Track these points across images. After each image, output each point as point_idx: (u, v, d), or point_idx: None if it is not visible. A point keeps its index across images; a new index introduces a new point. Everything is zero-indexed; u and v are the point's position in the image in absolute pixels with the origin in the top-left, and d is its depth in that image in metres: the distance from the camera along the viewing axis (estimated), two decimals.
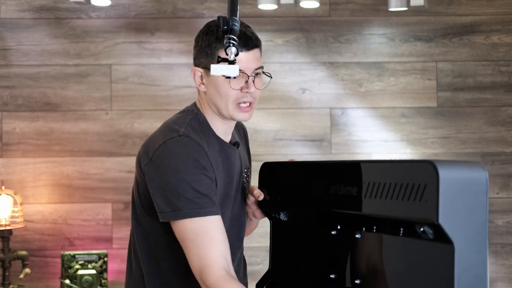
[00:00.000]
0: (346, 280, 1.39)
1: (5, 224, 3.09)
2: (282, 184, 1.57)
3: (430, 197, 1.08)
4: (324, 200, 1.43)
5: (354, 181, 1.31)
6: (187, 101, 3.36)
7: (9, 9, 3.36)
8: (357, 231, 1.35)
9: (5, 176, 3.29)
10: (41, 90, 3.35)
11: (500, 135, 3.35)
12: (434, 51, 3.36)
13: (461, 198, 1.10)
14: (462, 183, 1.10)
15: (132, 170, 3.33)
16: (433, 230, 1.12)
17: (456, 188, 1.09)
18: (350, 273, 1.37)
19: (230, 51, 1.53)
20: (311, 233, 1.52)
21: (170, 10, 3.37)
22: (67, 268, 3.18)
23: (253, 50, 1.70)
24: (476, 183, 1.12)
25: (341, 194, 1.36)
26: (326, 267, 1.46)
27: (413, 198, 1.12)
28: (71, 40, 3.35)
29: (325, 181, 1.42)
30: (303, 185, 1.50)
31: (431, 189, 1.08)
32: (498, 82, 3.36)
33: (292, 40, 3.36)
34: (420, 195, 1.11)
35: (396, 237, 1.23)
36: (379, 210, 1.24)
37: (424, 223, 1.12)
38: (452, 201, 1.09)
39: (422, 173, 1.11)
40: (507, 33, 3.36)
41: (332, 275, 1.43)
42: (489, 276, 3.32)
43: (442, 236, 1.11)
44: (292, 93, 3.34)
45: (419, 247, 1.17)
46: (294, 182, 1.53)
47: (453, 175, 1.09)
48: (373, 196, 1.24)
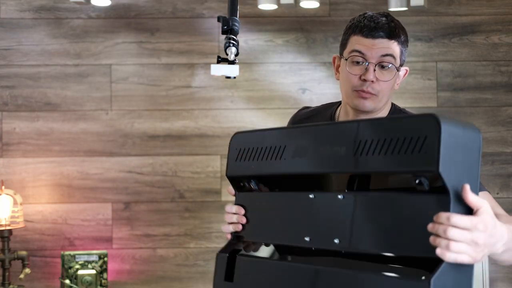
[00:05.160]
0: (323, 240, 1.39)
1: (5, 224, 3.09)
2: (255, 152, 1.56)
3: (431, 148, 1.12)
4: (304, 163, 1.44)
5: (343, 141, 1.33)
6: (187, 101, 3.38)
7: (9, 9, 3.36)
8: (339, 193, 1.36)
9: (5, 176, 3.29)
10: (41, 90, 3.35)
11: (500, 135, 3.35)
12: (434, 51, 3.36)
13: (458, 152, 1.14)
14: (459, 137, 1.15)
15: (132, 170, 3.33)
16: (429, 181, 1.15)
17: (454, 141, 1.13)
18: (328, 233, 1.38)
19: (230, 51, 1.53)
20: (284, 199, 1.53)
21: (170, 10, 3.37)
22: (67, 268, 3.18)
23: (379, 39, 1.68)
24: (472, 140, 1.17)
25: (327, 155, 1.37)
26: (300, 231, 1.46)
27: (411, 151, 1.15)
28: (71, 40, 3.35)
29: (307, 143, 1.43)
30: (279, 151, 1.50)
31: (432, 140, 1.12)
32: (498, 82, 3.36)
33: (292, 40, 3.36)
34: (420, 147, 1.14)
35: (384, 193, 1.26)
36: (372, 167, 1.26)
37: (422, 174, 1.15)
38: (450, 153, 1.12)
39: (423, 125, 1.14)
40: (507, 33, 3.36)
41: (307, 238, 1.43)
42: (489, 276, 3.32)
43: (438, 187, 1.14)
44: (292, 93, 3.33)
45: (408, 201, 1.20)
46: (269, 148, 1.53)
47: (452, 129, 1.13)
48: (364, 153, 1.27)
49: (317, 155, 1.39)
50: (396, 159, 1.19)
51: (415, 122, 1.18)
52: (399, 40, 1.70)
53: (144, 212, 3.31)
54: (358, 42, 1.71)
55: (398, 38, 1.70)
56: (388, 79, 1.69)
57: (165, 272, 3.31)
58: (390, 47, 1.68)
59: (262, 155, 1.53)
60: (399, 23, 1.74)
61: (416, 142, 1.15)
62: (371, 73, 1.67)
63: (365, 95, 1.69)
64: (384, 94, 1.70)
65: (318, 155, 1.39)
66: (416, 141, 1.15)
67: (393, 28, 1.69)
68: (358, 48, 1.70)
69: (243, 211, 1.55)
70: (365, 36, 1.69)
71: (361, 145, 1.27)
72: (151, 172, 3.33)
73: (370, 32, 1.69)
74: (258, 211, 1.59)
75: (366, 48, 1.69)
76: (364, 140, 1.26)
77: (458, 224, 1.10)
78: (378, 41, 1.68)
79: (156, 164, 3.33)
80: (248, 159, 1.56)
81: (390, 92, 1.72)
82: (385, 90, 1.70)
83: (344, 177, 1.38)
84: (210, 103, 3.34)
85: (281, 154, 1.48)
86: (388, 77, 1.69)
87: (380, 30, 1.69)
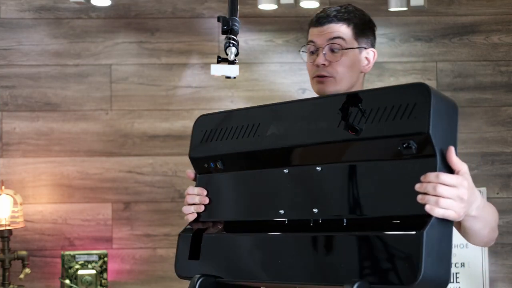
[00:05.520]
0: (300, 212, 1.42)
1: (5, 224, 3.09)
2: (224, 132, 1.57)
3: (422, 112, 1.21)
4: (280, 139, 1.46)
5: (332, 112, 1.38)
6: (187, 101, 3.38)
7: (9, 9, 3.36)
8: (317, 165, 1.40)
9: (5, 176, 3.29)
10: (41, 90, 3.35)
11: (500, 135, 3.35)
12: (434, 51, 3.36)
13: (442, 118, 1.24)
14: (444, 105, 1.25)
15: (132, 170, 3.33)
16: (417, 145, 1.23)
17: (440, 108, 1.23)
18: (306, 204, 1.41)
19: (230, 51, 1.53)
20: (256, 176, 1.53)
21: (170, 10, 3.37)
22: (67, 268, 3.18)
23: (326, 25, 1.74)
24: (452, 109, 1.28)
25: (304, 129, 1.41)
26: (274, 205, 1.48)
27: (400, 117, 1.24)
28: (71, 40, 3.35)
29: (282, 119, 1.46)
30: (252, 129, 1.52)
31: (422, 106, 1.21)
32: (498, 82, 3.36)
33: (292, 40, 3.36)
34: (409, 113, 1.23)
35: (365, 162, 1.33)
36: (364, 134, 1.31)
37: (413, 137, 1.23)
38: (437, 118, 1.22)
39: (414, 93, 1.24)
40: (507, 33, 3.36)
41: (281, 211, 1.46)
42: (489, 276, 3.33)
43: (426, 150, 1.23)
44: (292, 93, 3.33)
45: (394, 166, 1.28)
46: (241, 127, 1.54)
47: (438, 97, 1.23)
48: (356, 122, 1.32)
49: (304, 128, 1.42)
50: (387, 125, 1.26)
51: (405, 91, 1.26)
52: (350, 22, 1.75)
53: (144, 212, 3.31)
54: (311, 33, 1.79)
55: (348, 21, 1.75)
56: (338, 60, 1.73)
57: (165, 272, 3.31)
58: (338, 30, 1.73)
59: (233, 134, 1.54)
60: (356, 10, 1.79)
61: (405, 108, 1.24)
62: (321, 57, 1.73)
63: (321, 79, 1.74)
64: (342, 76, 1.74)
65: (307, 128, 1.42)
66: (405, 108, 1.24)
67: (342, 13, 1.76)
68: (310, 38, 1.79)
69: (206, 192, 1.59)
70: (315, 26, 1.77)
71: (352, 115, 1.32)
72: (151, 172, 3.33)
73: (318, 21, 1.76)
74: (226, 191, 1.60)
75: (316, 36, 1.76)
76: (356, 109, 1.32)
77: (446, 181, 1.20)
78: (326, 26, 1.75)
79: (156, 164, 3.33)
80: (216, 140, 1.58)
81: (351, 74, 1.76)
82: (342, 72, 1.73)
83: (320, 151, 1.41)
84: (210, 103, 3.34)
85: (254, 131, 1.50)
86: (338, 57, 1.73)
87: (328, 17, 1.75)
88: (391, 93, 1.29)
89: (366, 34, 1.80)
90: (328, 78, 1.74)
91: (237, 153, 1.55)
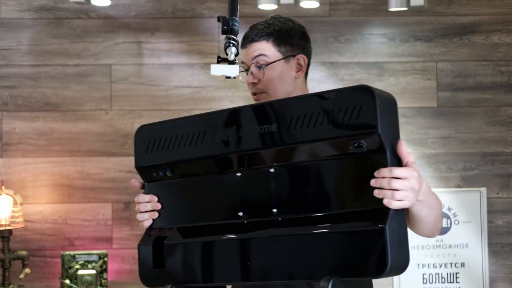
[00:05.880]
0: (258, 213, 1.47)
1: (5, 224, 3.09)
2: (169, 141, 1.59)
3: (370, 113, 1.29)
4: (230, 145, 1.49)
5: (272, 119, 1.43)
6: (187, 101, 3.38)
7: (9, 9, 3.36)
8: (270, 167, 1.46)
9: (5, 176, 3.29)
10: (41, 90, 3.35)
11: (500, 135, 3.35)
12: (434, 51, 3.36)
13: (387, 115, 1.32)
14: (387, 103, 1.34)
15: (132, 170, 3.33)
16: (367, 143, 1.31)
17: (384, 106, 1.31)
18: (265, 206, 1.46)
19: (230, 51, 1.53)
20: (208, 180, 1.56)
21: (170, 10, 3.37)
22: (67, 268, 3.18)
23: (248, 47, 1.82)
24: (393, 104, 1.37)
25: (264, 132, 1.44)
26: (231, 208, 1.51)
27: (348, 118, 1.31)
28: (71, 40, 3.36)
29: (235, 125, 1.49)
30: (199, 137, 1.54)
31: (369, 107, 1.30)
32: (498, 82, 3.36)
33: None
34: (357, 114, 1.30)
35: (318, 161, 1.40)
36: (306, 138, 1.38)
37: (363, 136, 1.31)
38: (383, 117, 1.30)
39: (360, 96, 1.31)
40: (507, 33, 3.36)
41: (240, 213, 1.50)
42: (489, 276, 3.33)
43: (376, 147, 1.32)
44: None
45: (348, 164, 1.36)
46: (186, 135, 1.56)
47: (381, 97, 1.32)
48: (298, 127, 1.38)
49: (254, 133, 1.45)
50: (337, 127, 1.33)
51: (351, 93, 1.34)
52: (269, 37, 1.80)
53: None
54: (241, 55, 1.85)
55: (267, 36, 1.80)
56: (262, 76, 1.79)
57: None
58: (258, 48, 1.79)
59: (180, 143, 1.56)
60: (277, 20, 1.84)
61: (353, 110, 1.31)
62: (249, 76, 1.80)
63: (255, 97, 1.82)
64: (273, 89, 1.80)
65: (255, 134, 1.45)
66: (352, 110, 1.31)
67: (261, 30, 1.81)
68: (241, 59, 1.85)
69: (156, 199, 1.63)
70: (242, 48, 1.85)
71: (300, 119, 1.38)
72: None
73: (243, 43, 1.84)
74: (179, 197, 1.62)
75: (244, 57, 1.84)
76: (303, 114, 1.37)
77: (399, 174, 1.30)
78: (249, 47, 1.82)
79: None
80: (163, 149, 1.60)
81: (283, 84, 1.82)
82: (272, 85, 1.80)
83: (272, 154, 1.45)
84: (210, 103, 3.34)
85: (202, 139, 1.53)
86: (265, 74, 1.79)
87: (248, 38, 1.83)
88: (338, 96, 1.35)
89: (289, 42, 1.83)
90: (261, 94, 1.81)
91: (186, 160, 1.57)
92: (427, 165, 3.33)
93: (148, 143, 1.64)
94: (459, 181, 3.33)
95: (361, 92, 1.32)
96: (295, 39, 1.83)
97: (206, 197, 1.57)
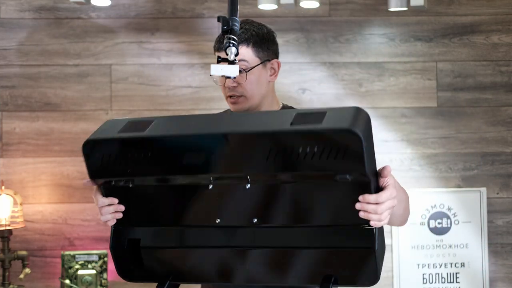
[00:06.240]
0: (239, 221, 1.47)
1: (5, 224, 3.09)
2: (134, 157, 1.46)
3: (356, 157, 1.30)
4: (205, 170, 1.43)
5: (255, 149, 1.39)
6: (187, 101, 3.38)
7: (9, 9, 3.36)
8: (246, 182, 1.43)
9: (5, 176, 3.29)
10: (41, 90, 3.35)
11: (500, 135, 3.35)
12: (434, 51, 3.36)
13: (369, 143, 1.33)
14: (367, 132, 1.33)
15: None
16: (353, 176, 1.35)
17: (367, 137, 1.31)
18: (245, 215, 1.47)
19: (230, 51, 1.53)
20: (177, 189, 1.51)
21: (170, 10, 3.37)
22: (67, 268, 3.18)
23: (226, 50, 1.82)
24: (369, 124, 1.36)
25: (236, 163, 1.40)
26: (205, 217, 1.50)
27: (334, 157, 1.31)
28: (71, 40, 3.36)
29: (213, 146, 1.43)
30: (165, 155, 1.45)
31: (356, 149, 1.29)
32: (498, 82, 3.36)
33: (292, 40, 3.36)
34: (343, 154, 1.31)
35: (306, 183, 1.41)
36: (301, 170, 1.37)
37: (348, 172, 1.34)
38: (367, 150, 1.31)
39: (345, 137, 1.30)
40: (507, 33, 3.36)
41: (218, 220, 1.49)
42: (489, 276, 3.32)
43: (360, 178, 1.35)
44: (292, 93, 3.34)
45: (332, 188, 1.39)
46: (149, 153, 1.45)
47: (363, 130, 1.30)
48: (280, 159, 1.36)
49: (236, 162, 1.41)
50: (322, 163, 1.33)
51: (338, 136, 1.31)
52: (249, 42, 1.85)
53: None
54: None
55: (247, 41, 1.85)
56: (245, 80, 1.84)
57: None
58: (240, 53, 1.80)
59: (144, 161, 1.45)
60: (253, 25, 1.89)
61: (338, 152, 1.31)
62: (229, 81, 1.83)
63: (233, 100, 1.87)
64: (252, 93, 1.86)
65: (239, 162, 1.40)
66: (337, 151, 1.31)
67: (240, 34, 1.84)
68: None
69: (117, 201, 1.57)
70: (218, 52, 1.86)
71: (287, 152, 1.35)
72: None
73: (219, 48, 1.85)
74: (143, 201, 1.56)
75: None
76: (289, 149, 1.34)
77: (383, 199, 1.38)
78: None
79: None
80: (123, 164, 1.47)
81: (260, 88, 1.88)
82: (251, 89, 1.85)
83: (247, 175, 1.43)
84: (210, 103, 3.34)
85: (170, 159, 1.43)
86: (244, 78, 1.84)
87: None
88: (324, 135, 1.33)
89: (266, 47, 1.90)
90: (240, 98, 1.86)
91: (152, 177, 1.49)
92: (427, 165, 3.33)
93: (102, 157, 1.48)
94: (459, 181, 3.33)
95: (347, 135, 1.29)
96: (270, 44, 1.92)
97: (175, 203, 1.54)
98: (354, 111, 1.34)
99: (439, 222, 3.31)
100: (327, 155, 1.31)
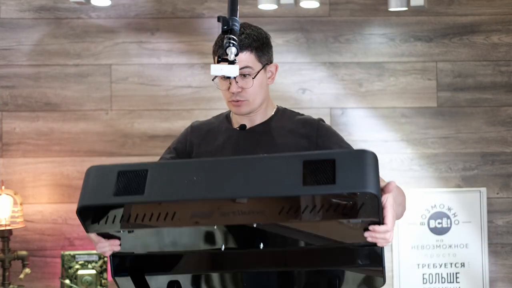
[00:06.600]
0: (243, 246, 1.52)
1: (5, 224, 3.09)
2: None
3: (373, 211, 1.38)
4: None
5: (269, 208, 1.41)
6: (187, 101, 3.38)
7: (9, 9, 3.36)
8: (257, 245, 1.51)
9: (5, 176, 3.29)
10: (41, 90, 3.35)
11: (500, 135, 3.35)
12: (434, 51, 3.36)
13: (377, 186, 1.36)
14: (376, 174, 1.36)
15: None
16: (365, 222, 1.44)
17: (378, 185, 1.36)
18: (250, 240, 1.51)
19: (230, 51, 1.53)
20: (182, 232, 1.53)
21: (170, 10, 3.37)
22: (67, 268, 3.18)
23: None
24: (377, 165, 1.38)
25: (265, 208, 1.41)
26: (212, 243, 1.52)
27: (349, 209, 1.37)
28: (71, 40, 3.35)
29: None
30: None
31: (373, 207, 1.37)
32: (498, 82, 3.36)
33: (292, 40, 3.36)
34: (359, 207, 1.37)
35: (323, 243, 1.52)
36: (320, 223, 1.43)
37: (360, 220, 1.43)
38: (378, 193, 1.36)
39: (365, 195, 1.34)
40: (507, 33, 3.36)
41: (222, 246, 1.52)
42: (489, 276, 3.32)
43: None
44: (292, 93, 3.34)
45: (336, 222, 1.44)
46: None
47: (375, 183, 1.35)
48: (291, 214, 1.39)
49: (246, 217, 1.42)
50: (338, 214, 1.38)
51: (355, 194, 1.35)
52: (252, 48, 1.87)
53: None
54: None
55: (250, 47, 1.87)
56: (251, 85, 1.88)
57: None
58: (244, 60, 1.85)
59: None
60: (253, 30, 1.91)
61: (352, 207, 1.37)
62: (234, 86, 1.87)
63: (237, 103, 1.90)
64: (255, 97, 1.90)
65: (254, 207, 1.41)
66: (352, 207, 1.36)
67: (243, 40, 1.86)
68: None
69: (118, 242, 1.57)
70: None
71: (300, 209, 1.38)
72: None
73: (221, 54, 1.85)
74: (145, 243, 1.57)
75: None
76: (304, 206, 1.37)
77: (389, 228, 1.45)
78: None
79: None
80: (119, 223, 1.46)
81: (261, 92, 1.92)
82: (254, 93, 1.89)
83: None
84: (210, 103, 3.34)
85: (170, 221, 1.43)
86: (250, 84, 1.87)
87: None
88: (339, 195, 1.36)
89: (266, 51, 1.93)
90: (243, 102, 1.89)
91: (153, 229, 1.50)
92: (427, 165, 3.33)
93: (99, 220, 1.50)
94: (459, 181, 3.33)
95: (367, 195, 1.34)
96: (269, 48, 1.95)
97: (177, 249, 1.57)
98: (364, 158, 1.37)
99: (439, 222, 3.31)
100: (341, 211, 1.37)
